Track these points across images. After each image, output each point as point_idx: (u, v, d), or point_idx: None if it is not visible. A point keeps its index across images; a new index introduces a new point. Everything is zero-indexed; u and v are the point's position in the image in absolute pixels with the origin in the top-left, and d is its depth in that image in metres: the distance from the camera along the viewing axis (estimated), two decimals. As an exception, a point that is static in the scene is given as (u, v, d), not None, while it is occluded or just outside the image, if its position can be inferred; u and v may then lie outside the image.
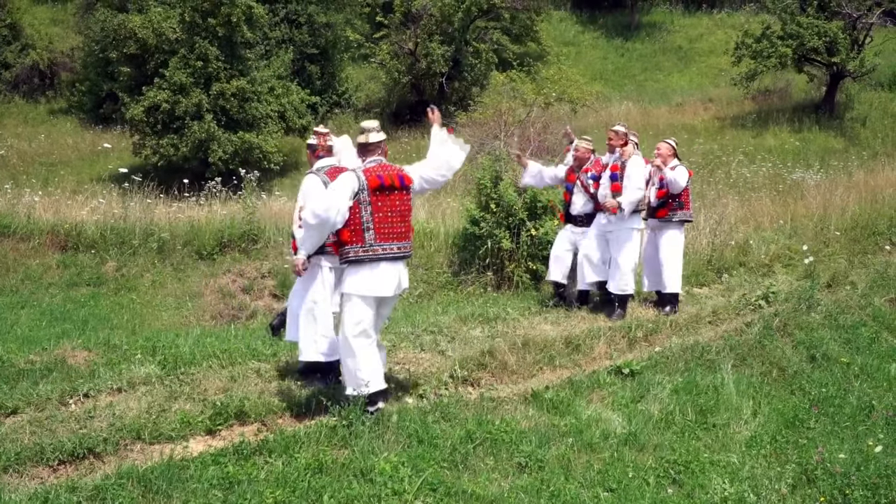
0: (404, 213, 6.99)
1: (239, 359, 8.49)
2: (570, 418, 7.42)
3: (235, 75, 27.39)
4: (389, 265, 6.91)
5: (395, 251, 6.91)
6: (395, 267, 6.95)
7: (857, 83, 31.28)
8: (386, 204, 6.87)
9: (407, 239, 7.01)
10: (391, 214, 6.90)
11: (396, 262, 6.96)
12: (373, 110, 34.72)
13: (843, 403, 8.07)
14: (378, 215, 6.84)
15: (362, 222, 6.82)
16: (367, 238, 6.82)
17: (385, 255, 6.87)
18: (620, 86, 37.34)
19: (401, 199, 6.97)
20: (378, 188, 6.84)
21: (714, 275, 12.95)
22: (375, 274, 6.87)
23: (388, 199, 6.89)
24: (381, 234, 6.85)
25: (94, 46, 32.59)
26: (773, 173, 22.20)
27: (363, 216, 6.81)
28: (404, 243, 6.99)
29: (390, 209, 6.90)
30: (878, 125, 29.19)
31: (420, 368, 8.37)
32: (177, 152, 26.50)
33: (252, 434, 6.79)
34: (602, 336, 9.56)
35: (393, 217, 6.90)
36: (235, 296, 14.18)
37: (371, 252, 6.83)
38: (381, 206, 6.85)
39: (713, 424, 7.55)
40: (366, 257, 6.84)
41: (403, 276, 7.06)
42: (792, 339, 9.78)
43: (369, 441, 6.48)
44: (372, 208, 6.82)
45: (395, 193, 6.93)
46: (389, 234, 6.89)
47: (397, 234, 6.93)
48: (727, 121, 31.08)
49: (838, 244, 14.23)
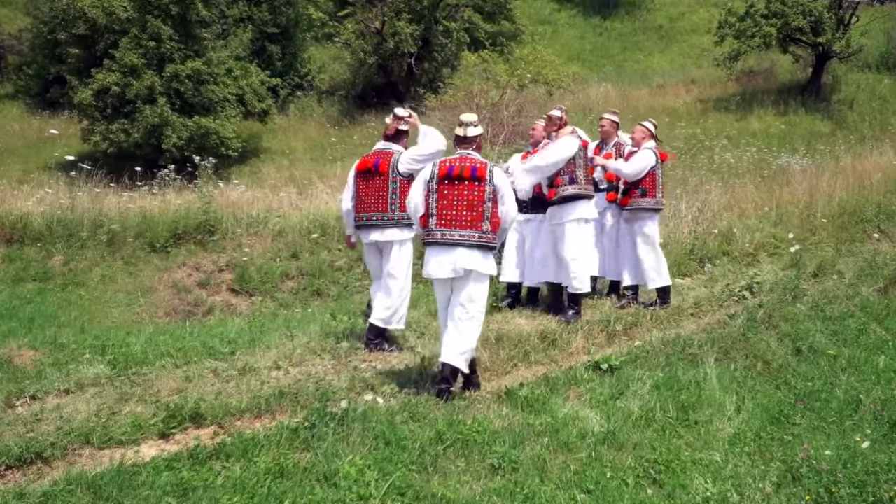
0: (472, 202, 7.53)
1: (194, 358, 8.45)
2: (546, 417, 7.42)
3: (190, 56, 27.20)
4: (443, 250, 7.55)
5: (455, 238, 7.51)
6: (452, 252, 7.52)
7: (844, 64, 31.54)
8: (452, 192, 7.55)
9: (474, 228, 7.54)
10: (457, 203, 7.54)
11: (454, 248, 7.52)
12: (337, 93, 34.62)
13: (830, 398, 8.12)
14: (443, 202, 7.55)
15: (429, 208, 7.62)
16: (431, 223, 7.61)
17: (442, 240, 7.54)
18: (598, 66, 37.45)
19: (469, 189, 7.54)
20: (446, 177, 7.57)
21: (696, 265, 13.03)
22: (431, 257, 7.64)
23: (456, 189, 7.54)
24: (442, 220, 7.55)
25: (43, 28, 32.26)
26: (757, 158, 22.35)
27: (430, 203, 7.61)
28: (469, 231, 7.53)
29: (457, 198, 7.54)
30: (865, 108, 29.49)
31: (388, 366, 8.36)
32: (128, 138, 26.30)
33: (208, 437, 6.73)
34: (579, 330, 9.58)
35: (458, 205, 7.53)
36: (191, 291, 14.11)
37: (430, 237, 7.60)
38: (447, 194, 7.55)
39: (695, 421, 7.58)
40: (428, 240, 7.63)
41: (463, 260, 7.52)
42: (777, 331, 9.84)
43: (333, 443, 6.45)
44: (437, 196, 7.58)
45: (465, 184, 7.55)
46: (452, 221, 7.53)
47: (461, 222, 7.53)
48: (710, 103, 31.26)
49: (825, 232, 14.34)
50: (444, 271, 7.57)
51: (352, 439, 6.57)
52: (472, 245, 7.54)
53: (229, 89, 28.37)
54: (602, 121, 11.23)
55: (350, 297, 13.70)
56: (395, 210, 8.70)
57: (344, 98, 34.42)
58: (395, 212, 8.71)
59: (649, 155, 10.45)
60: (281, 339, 9.30)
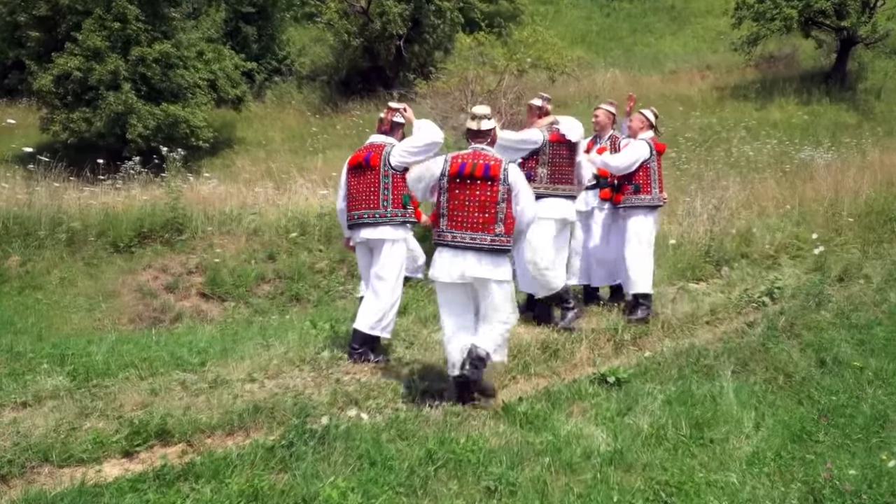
0: (485, 203, 7.66)
1: (161, 369, 8.42)
2: (547, 435, 7.42)
3: (158, 38, 27.15)
4: (454, 253, 7.70)
5: (465, 241, 7.67)
6: (462, 256, 7.67)
7: (871, 50, 31.63)
8: (464, 193, 7.68)
9: (486, 230, 7.66)
10: (468, 204, 7.67)
11: (465, 251, 7.67)
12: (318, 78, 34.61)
13: (856, 413, 8.14)
14: (454, 202, 7.71)
15: (440, 207, 7.79)
16: (442, 224, 7.77)
17: (453, 243, 7.71)
18: (605, 50, 37.49)
19: (482, 189, 7.66)
20: (457, 175, 7.70)
21: (712, 268, 13.04)
22: (440, 259, 7.77)
23: (468, 189, 7.68)
24: (453, 221, 7.71)
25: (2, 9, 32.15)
26: (778, 151, 22.38)
27: (441, 202, 7.78)
28: (481, 234, 7.66)
29: (468, 198, 7.67)
30: (893, 97, 29.57)
31: (373, 379, 8.35)
32: (90, 128, 26.25)
33: (176, 456, 6.72)
34: (584, 340, 9.58)
35: (470, 206, 7.67)
36: (157, 295, 14.07)
37: (441, 238, 7.77)
38: (458, 194, 7.70)
39: (710, 440, 7.58)
40: (439, 242, 7.80)
41: (473, 266, 7.66)
42: (799, 340, 9.86)
43: (313, 463, 6.44)
44: (448, 195, 7.73)
45: (477, 183, 7.66)
46: (463, 222, 7.68)
47: (473, 224, 7.67)
48: (727, 91, 31.31)
49: (851, 232, 14.38)
50: (450, 275, 7.72)
51: (333, 459, 6.56)
52: (483, 249, 7.66)
53: (200, 74, 28.32)
54: (596, 111, 11.16)
55: (332, 303, 13.66)
56: (387, 206, 8.75)
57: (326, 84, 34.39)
58: (387, 208, 8.75)
59: (641, 146, 10.39)
60: (256, 348, 9.27)
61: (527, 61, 26.28)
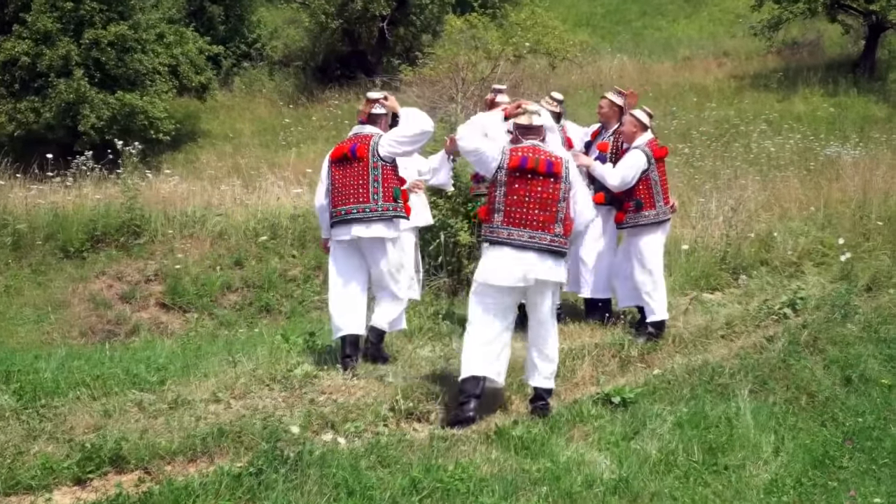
0: (546, 200, 7.91)
1: (115, 388, 8.43)
2: (545, 461, 7.44)
3: (114, 19, 27.10)
4: (514, 252, 7.89)
5: (524, 239, 7.89)
6: (522, 256, 7.88)
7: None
8: (524, 188, 7.90)
9: (545, 230, 7.92)
10: (528, 200, 7.90)
11: (525, 250, 7.89)
12: (292, 64, 34.59)
13: (883, 436, 8.18)
14: (512, 198, 7.91)
15: (495, 202, 7.97)
16: (496, 220, 7.97)
17: (509, 241, 7.91)
18: (612, 35, 37.59)
19: (543, 186, 7.91)
20: (517, 169, 7.88)
21: (729, 276, 13.08)
22: (497, 259, 7.96)
23: (529, 184, 7.90)
24: (510, 218, 7.91)
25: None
26: (802, 147, 22.45)
27: (497, 196, 7.97)
28: (540, 233, 7.91)
29: (528, 194, 7.90)
30: (926, 89, 29.67)
31: (352, 399, 8.36)
32: (38, 118, 26.22)
33: (132, 485, 6.73)
34: (587, 356, 9.61)
35: (530, 203, 7.89)
36: (111, 306, 14.08)
37: (495, 235, 7.97)
38: (518, 188, 7.91)
39: (725, 466, 7.62)
40: (492, 239, 7.99)
41: (535, 268, 7.89)
42: (823, 356, 9.89)
43: (284, 493, 6.46)
44: (506, 189, 7.92)
45: (539, 179, 7.89)
46: (521, 220, 7.90)
47: (531, 222, 7.89)
48: (746, 81, 31.40)
49: (881, 237, 14.40)
50: (511, 278, 7.91)
51: (307, 488, 6.57)
52: (543, 249, 7.92)
53: (160, 59, 28.29)
54: (601, 101, 11.09)
55: (306, 315, 13.69)
56: (377, 200, 8.87)
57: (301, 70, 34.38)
58: (377, 202, 8.87)
59: (637, 157, 10.19)
60: (221, 365, 9.28)
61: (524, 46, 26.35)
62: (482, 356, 8.09)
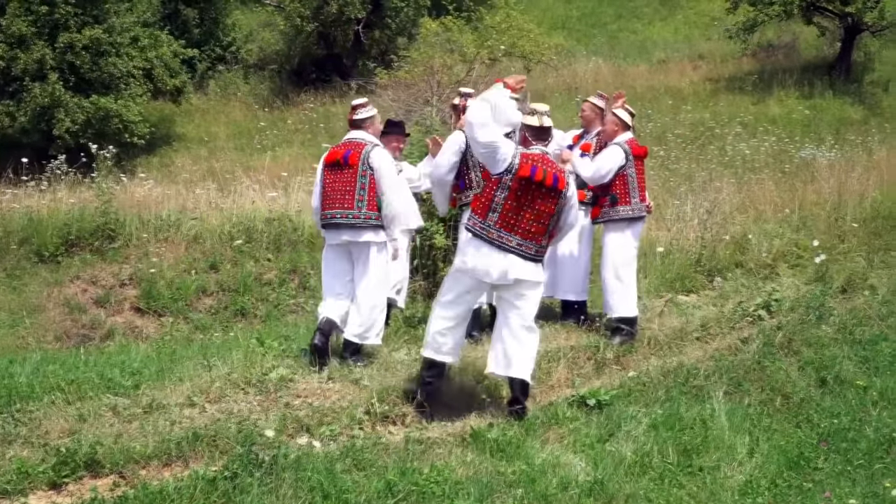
0: (542, 214, 8.12)
1: (90, 392, 8.38)
2: (520, 464, 7.45)
3: (89, 22, 27.03)
4: (498, 253, 8.09)
5: (511, 245, 8.09)
6: (506, 258, 8.08)
7: (878, 39, 31.85)
8: (526, 197, 8.05)
9: (534, 240, 8.15)
10: (526, 209, 8.08)
11: (509, 253, 8.08)
12: (267, 67, 34.53)
13: (859, 437, 8.23)
14: (511, 203, 8.06)
15: (493, 202, 8.10)
16: (490, 218, 8.11)
17: (498, 242, 8.09)
18: (587, 37, 37.67)
19: (544, 199, 8.10)
20: (526, 179, 8.00)
21: (704, 278, 13.12)
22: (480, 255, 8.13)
23: (531, 194, 8.06)
24: (504, 222, 8.09)
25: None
26: (777, 150, 22.58)
27: (497, 196, 8.09)
28: (528, 242, 8.12)
29: (528, 204, 8.07)
30: (902, 91, 29.84)
31: (327, 402, 8.35)
32: (13, 123, 26.15)
33: (107, 489, 6.72)
34: (562, 358, 9.63)
35: (527, 213, 8.08)
36: (86, 310, 14.02)
37: (485, 233, 8.12)
38: (521, 196, 8.05)
39: (700, 468, 7.65)
40: (479, 234, 8.13)
41: (515, 269, 8.10)
42: (798, 358, 9.93)
43: (259, 497, 6.45)
44: (508, 194, 8.06)
45: (542, 191, 8.06)
46: (515, 226, 8.09)
47: (524, 231, 8.10)
48: (721, 83, 31.53)
49: (855, 239, 14.49)
50: (492, 276, 8.13)
51: (282, 492, 6.57)
52: (527, 258, 8.16)
53: (135, 62, 28.21)
54: (583, 105, 11.34)
55: (282, 318, 13.66)
56: (361, 208, 9.10)
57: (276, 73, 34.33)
58: (361, 209, 9.10)
59: (615, 153, 10.30)
60: (196, 369, 9.21)
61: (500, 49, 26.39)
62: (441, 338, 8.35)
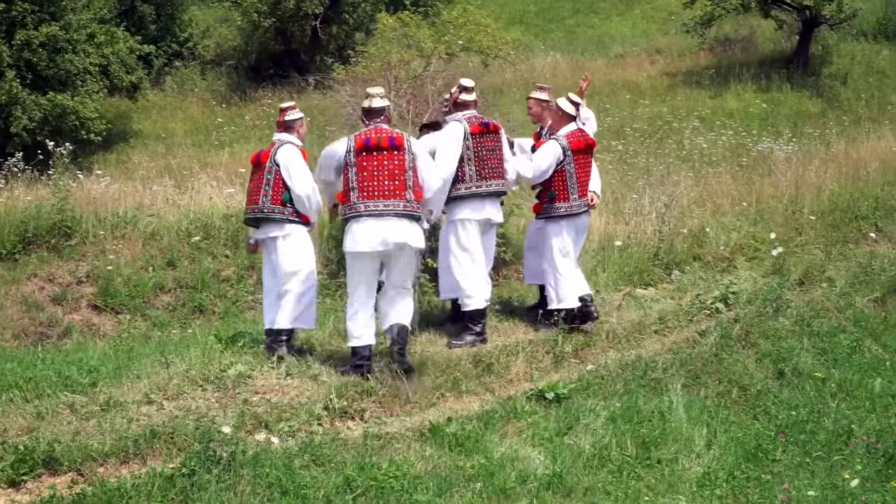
0: (394, 171, 8.82)
1: (47, 390, 8.36)
2: (479, 458, 7.48)
3: (45, 19, 26.76)
4: (372, 221, 8.73)
5: (380, 208, 8.74)
6: (380, 223, 8.72)
7: (836, 32, 31.97)
8: (372, 164, 8.81)
9: (398, 197, 8.79)
10: (378, 173, 8.79)
11: (382, 218, 8.73)
12: (225, 63, 34.31)
13: (817, 429, 8.30)
14: (363, 174, 8.80)
15: (349, 183, 8.85)
16: (352, 197, 8.81)
17: (367, 212, 8.74)
18: (545, 32, 37.68)
19: (390, 159, 8.84)
20: (363, 149, 8.82)
21: (662, 271, 13.15)
22: (359, 230, 8.77)
23: (376, 159, 8.81)
24: (364, 192, 8.77)
25: None
26: (734, 143, 22.65)
27: (350, 176, 8.86)
28: (394, 201, 8.77)
29: (377, 168, 8.80)
30: (861, 84, 29.95)
31: (285, 398, 8.35)
32: (-31, 122, 25.83)
33: (65, 486, 6.71)
34: (521, 352, 9.66)
35: (380, 175, 8.79)
36: (43, 308, 13.90)
37: (354, 211, 8.79)
38: (367, 165, 8.81)
39: (658, 460, 7.70)
40: (352, 215, 8.82)
41: (394, 231, 8.73)
42: (756, 350, 10.02)
43: (217, 494, 6.44)
44: (357, 168, 8.83)
45: (384, 153, 8.83)
46: (375, 192, 8.76)
47: (384, 192, 8.77)
48: (679, 77, 31.62)
49: (813, 231, 14.57)
50: (371, 244, 8.73)
51: (240, 488, 6.56)
52: (399, 215, 8.78)
53: (91, 59, 27.92)
54: (528, 102, 11.06)
55: (240, 315, 13.61)
56: (265, 202, 9.42)
57: (233, 69, 34.10)
58: (265, 204, 9.42)
59: (552, 148, 10.13)
60: (154, 366, 9.20)
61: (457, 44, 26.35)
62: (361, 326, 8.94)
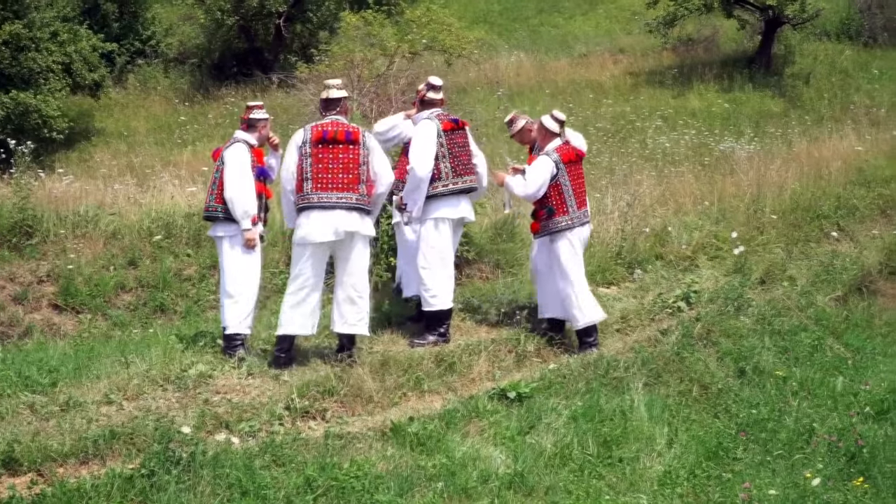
0: (348, 165, 9.04)
1: (7, 390, 8.35)
2: (441, 457, 7.47)
3: (8, 18, 26.62)
4: (322, 213, 8.95)
5: (332, 200, 8.97)
6: (331, 214, 8.94)
7: (798, 32, 32.16)
8: (327, 156, 9.00)
9: (351, 190, 9.03)
10: (333, 166, 8.99)
11: (334, 210, 8.95)
12: (188, 61, 34.18)
13: (778, 427, 8.34)
14: (318, 166, 8.99)
15: (303, 173, 9.03)
16: (306, 188, 9.01)
17: (320, 203, 8.96)
18: (509, 32, 37.74)
19: (345, 152, 9.04)
20: (320, 140, 8.99)
21: (624, 270, 13.17)
22: (311, 221, 8.99)
23: (331, 152, 9.01)
24: (318, 184, 8.97)
25: None
26: (697, 143, 22.76)
27: (304, 167, 9.02)
28: (347, 193, 9.00)
29: (332, 161, 9.00)
30: (823, 83, 30.16)
31: (246, 398, 8.33)
32: (-65, 120, 25.64)
33: (24, 487, 6.67)
34: (483, 351, 9.66)
35: (335, 168, 8.99)
36: (4, 307, 13.79)
37: (307, 201, 9.00)
38: (322, 157, 8.99)
39: (619, 459, 7.72)
40: (305, 205, 9.03)
41: (345, 222, 8.96)
42: (717, 349, 10.06)
43: (176, 494, 6.41)
44: (312, 160, 9.00)
45: (339, 147, 9.02)
46: (328, 184, 8.96)
47: (338, 185, 8.98)
48: (642, 77, 31.74)
49: (774, 230, 14.66)
50: (323, 234, 8.93)
51: (200, 489, 6.53)
52: (351, 207, 9.02)
53: (54, 57, 27.79)
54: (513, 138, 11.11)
55: (202, 314, 13.54)
56: (211, 200, 9.62)
57: (196, 67, 33.97)
58: (210, 202, 9.68)
59: (544, 164, 9.98)
60: (114, 366, 9.17)
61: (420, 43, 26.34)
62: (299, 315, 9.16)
